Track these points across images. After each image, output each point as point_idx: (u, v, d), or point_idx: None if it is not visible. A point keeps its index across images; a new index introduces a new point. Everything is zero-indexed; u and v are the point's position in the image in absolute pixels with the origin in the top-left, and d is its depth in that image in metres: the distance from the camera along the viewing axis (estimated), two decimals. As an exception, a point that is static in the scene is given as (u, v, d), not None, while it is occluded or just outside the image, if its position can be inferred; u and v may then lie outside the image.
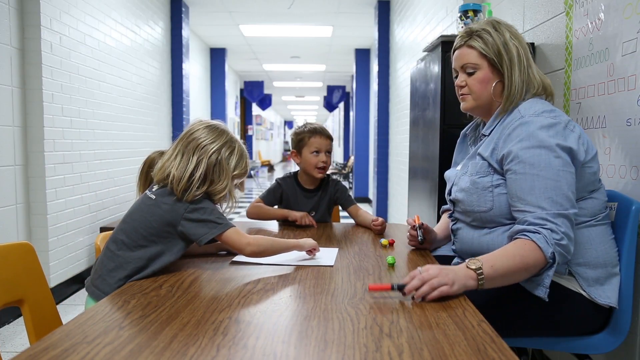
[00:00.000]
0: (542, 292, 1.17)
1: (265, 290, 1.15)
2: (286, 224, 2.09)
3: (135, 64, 4.69)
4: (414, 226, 1.54)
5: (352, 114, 9.70)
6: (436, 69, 2.27)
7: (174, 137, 5.80)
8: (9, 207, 2.87)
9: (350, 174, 10.54)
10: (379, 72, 6.26)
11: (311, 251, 1.47)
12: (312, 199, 2.15)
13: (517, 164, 1.24)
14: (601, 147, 1.70)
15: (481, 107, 1.42)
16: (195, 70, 7.43)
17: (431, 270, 1.07)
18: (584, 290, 1.27)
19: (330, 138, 2.13)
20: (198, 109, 7.53)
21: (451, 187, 1.49)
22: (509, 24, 1.40)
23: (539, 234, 1.15)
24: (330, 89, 12.58)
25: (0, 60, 2.79)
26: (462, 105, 1.45)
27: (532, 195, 1.20)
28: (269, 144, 21.70)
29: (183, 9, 5.86)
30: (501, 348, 0.82)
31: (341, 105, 14.72)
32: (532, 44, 2.21)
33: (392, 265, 1.38)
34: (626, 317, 1.32)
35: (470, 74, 1.39)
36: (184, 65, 5.89)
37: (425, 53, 2.54)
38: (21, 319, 2.87)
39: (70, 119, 3.42)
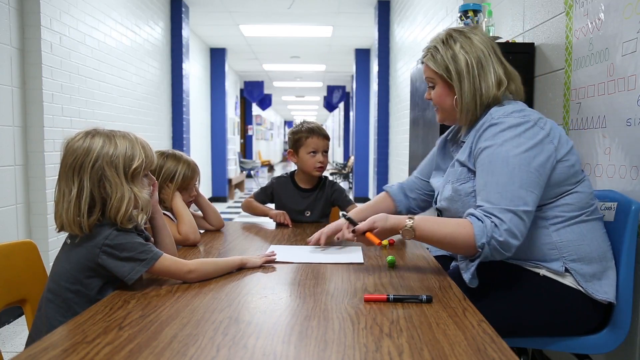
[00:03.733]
0: (467, 278, 1.24)
1: (265, 290, 1.15)
2: (284, 224, 2.09)
3: (135, 64, 4.69)
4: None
5: (352, 114, 9.69)
6: (436, 69, 2.27)
7: (174, 137, 5.80)
8: (9, 207, 2.87)
9: (350, 174, 10.54)
10: (379, 72, 6.26)
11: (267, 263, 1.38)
12: (307, 198, 2.15)
13: (479, 162, 1.28)
14: (601, 147, 1.70)
15: (451, 119, 1.47)
16: (195, 70, 7.43)
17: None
18: (582, 287, 1.27)
19: (327, 138, 2.13)
20: (198, 109, 7.53)
21: (437, 196, 1.50)
22: (467, 30, 1.41)
23: (482, 222, 1.19)
24: (330, 89, 12.57)
25: (0, 60, 2.79)
26: (437, 118, 1.52)
27: (484, 191, 1.24)
28: (269, 144, 21.68)
29: (183, 9, 5.86)
30: (501, 348, 0.82)
31: (341, 105, 14.71)
32: (532, 44, 2.21)
33: (392, 265, 1.38)
34: (626, 317, 1.32)
35: (432, 88, 1.45)
36: (184, 65, 5.89)
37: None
38: (21, 319, 2.87)
39: (70, 119, 3.41)
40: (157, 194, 1.36)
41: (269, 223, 2.14)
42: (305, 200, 2.15)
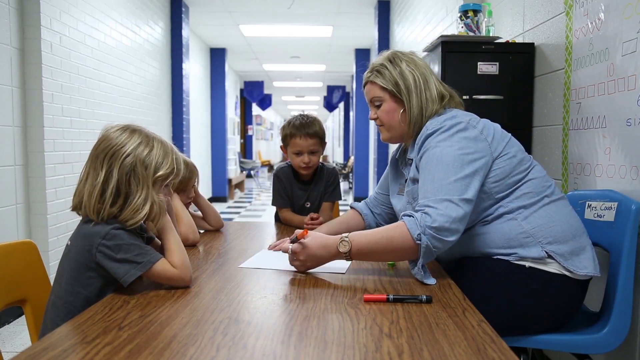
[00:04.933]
0: (420, 277, 1.22)
1: (264, 291, 1.15)
2: (284, 224, 2.08)
3: (135, 64, 4.69)
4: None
5: (352, 114, 9.69)
6: (436, 69, 2.27)
7: (174, 137, 5.80)
8: (9, 207, 2.87)
9: (350, 174, 10.54)
10: (379, 72, 6.25)
11: None
12: (305, 190, 2.13)
13: (419, 170, 1.33)
14: (601, 147, 1.70)
15: (397, 136, 1.49)
16: (195, 70, 7.43)
17: (303, 253, 1.25)
18: (564, 267, 1.29)
19: (313, 136, 1.99)
20: (198, 109, 7.53)
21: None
22: (407, 52, 1.48)
23: (413, 217, 1.22)
24: (330, 89, 12.57)
25: (0, 60, 2.79)
26: (381, 137, 1.53)
27: (422, 189, 1.29)
28: (269, 144, 21.68)
29: (183, 9, 5.86)
30: (501, 348, 0.82)
31: (341, 105, 14.71)
32: (532, 44, 2.21)
33: (391, 266, 1.38)
34: (626, 317, 1.32)
35: (378, 107, 1.47)
36: (184, 65, 5.88)
37: (425, 53, 2.54)
38: (21, 319, 2.87)
39: (70, 119, 3.42)
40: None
41: (269, 223, 2.14)
42: (304, 193, 2.13)
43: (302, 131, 1.98)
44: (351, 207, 1.77)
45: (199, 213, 1.95)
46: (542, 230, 1.29)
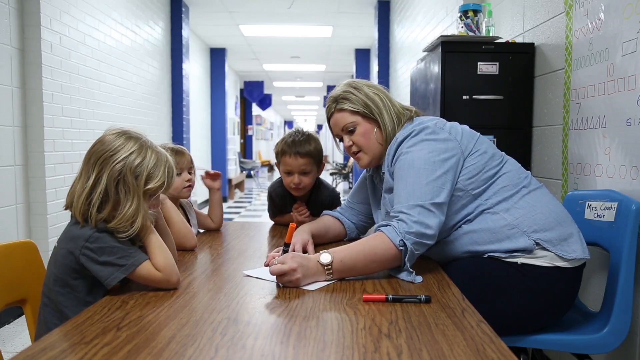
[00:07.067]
0: (406, 276, 1.23)
1: (263, 291, 1.15)
2: (280, 224, 2.07)
3: (135, 64, 4.69)
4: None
5: (352, 114, 9.68)
6: (436, 69, 2.27)
7: (174, 137, 5.81)
8: (9, 207, 2.87)
9: (350, 174, 10.54)
10: (379, 72, 6.26)
11: None
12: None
13: (394, 178, 1.36)
14: (601, 147, 1.70)
15: (377, 157, 1.50)
16: (195, 70, 7.43)
17: (291, 263, 1.15)
18: (554, 253, 1.29)
19: (306, 156, 1.82)
20: (198, 109, 7.53)
21: None
22: (364, 80, 1.53)
23: (389, 226, 1.24)
24: (331, 89, 12.55)
25: (0, 60, 2.79)
26: (360, 164, 1.52)
27: (396, 195, 1.31)
28: (269, 144, 21.67)
29: (183, 9, 5.86)
30: (500, 348, 0.82)
31: (341, 105, 14.69)
32: (532, 44, 2.20)
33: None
34: (626, 317, 1.32)
35: (351, 132, 1.48)
36: (184, 65, 5.88)
37: (425, 53, 2.54)
38: (21, 319, 2.87)
39: (70, 119, 3.42)
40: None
41: (268, 223, 2.13)
42: None
43: (293, 149, 1.81)
44: (326, 214, 1.72)
45: (204, 211, 1.93)
46: (526, 220, 1.31)
